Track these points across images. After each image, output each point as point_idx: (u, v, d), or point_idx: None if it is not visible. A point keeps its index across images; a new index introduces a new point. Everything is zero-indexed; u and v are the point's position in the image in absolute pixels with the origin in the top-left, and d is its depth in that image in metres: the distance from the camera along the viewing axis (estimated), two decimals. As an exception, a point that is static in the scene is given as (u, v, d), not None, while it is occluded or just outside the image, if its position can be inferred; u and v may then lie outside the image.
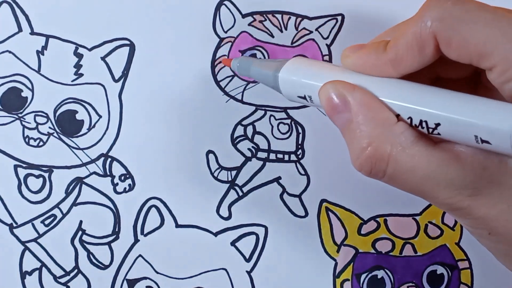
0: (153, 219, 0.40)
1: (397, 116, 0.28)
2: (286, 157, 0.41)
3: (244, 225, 0.41)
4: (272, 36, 0.40)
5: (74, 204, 0.40)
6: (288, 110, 0.40)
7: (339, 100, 0.28)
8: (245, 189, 0.41)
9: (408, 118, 0.27)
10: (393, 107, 0.28)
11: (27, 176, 0.40)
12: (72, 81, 0.40)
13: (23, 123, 0.40)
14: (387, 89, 0.28)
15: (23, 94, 0.40)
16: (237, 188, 0.41)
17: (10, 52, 0.40)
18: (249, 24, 0.40)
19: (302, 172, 0.41)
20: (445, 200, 0.27)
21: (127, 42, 0.40)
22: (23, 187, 0.40)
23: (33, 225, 0.40)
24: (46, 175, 0.40)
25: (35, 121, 0.40)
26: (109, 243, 0.41)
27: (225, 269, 0.40)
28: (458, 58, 0.27)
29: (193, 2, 0.40)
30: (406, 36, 0.27)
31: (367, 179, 0.40)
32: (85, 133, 0.40)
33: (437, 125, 0.26)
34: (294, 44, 0.40)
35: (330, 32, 0.40)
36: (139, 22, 0.40)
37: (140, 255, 0.40)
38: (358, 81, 0.29)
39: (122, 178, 0.40)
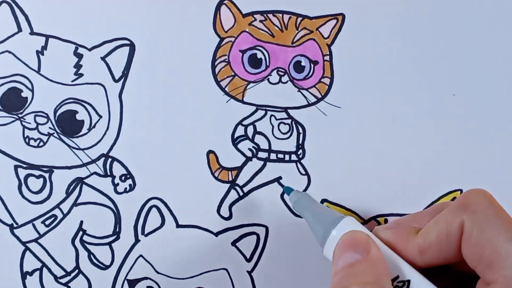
0: (154, 219, 0.40)
1: None
2: (287, 157, 0.40)
3: (245, 225, 0.40)
4: (273, 36, 0.40)
5: (75, 204, 0.40)
6: (289, 110, 0.40)
7: (360, 243, 0.30)
8: (245, 189, 0.41)
9: None
10: None
11: (27, 176, 0.40)
12: (72, 81, 0.40)
13: (23, 123, 0.40)
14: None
15: (23, 94, 0.40)
16: (237, 188, 0.41)
17: (10, 52, 0.40)
18: (250, 24, 0.40)
19: (303, 172, 0.40)
20: None
21: (127, 42, 0.40)
22: (23, 187, 0.40)
23: (33, 225, 0.40)
24: (46, 175, 0.40)
25: (35, 121, 0.40)
26: (109, 243, 0.40)
27: (226, 269, 0.40)
28: (468, 256, 0.28)
29: (193, 2, 0.40)
30: (438, 224, 0.29)
31: (368, 180, 0.40)
32: (86, 133, 0.40)
33: None
34: (294, 44, 0.40)
35: (331, 32, 0.40)
36: (139, 22, 0.40)
37: (140, 255, 0.40)
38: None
39: (123, 178, 0.40)
